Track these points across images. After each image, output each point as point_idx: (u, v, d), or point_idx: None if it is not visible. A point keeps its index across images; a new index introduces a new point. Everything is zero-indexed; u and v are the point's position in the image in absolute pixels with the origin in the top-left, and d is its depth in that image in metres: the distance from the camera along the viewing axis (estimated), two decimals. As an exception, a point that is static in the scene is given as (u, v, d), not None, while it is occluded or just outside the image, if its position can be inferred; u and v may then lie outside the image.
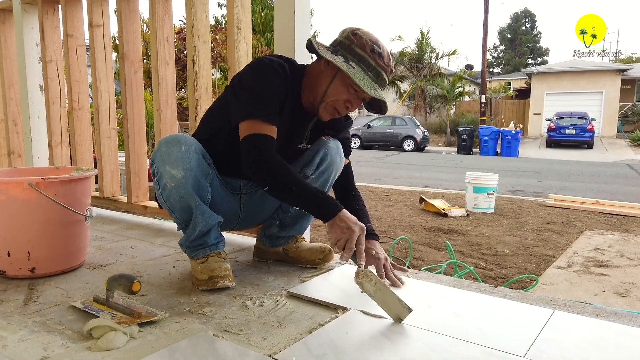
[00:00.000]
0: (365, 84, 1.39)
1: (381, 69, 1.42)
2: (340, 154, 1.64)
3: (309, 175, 1.62)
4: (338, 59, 1.40)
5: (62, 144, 2.84)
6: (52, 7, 2.73)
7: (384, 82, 1.44)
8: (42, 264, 1.61)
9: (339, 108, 1.48)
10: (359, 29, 1.45)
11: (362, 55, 1.41)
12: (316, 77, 1.48)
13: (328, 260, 1.75)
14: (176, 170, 1.42)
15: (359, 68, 1.40)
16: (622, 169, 11.33)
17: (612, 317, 1.34)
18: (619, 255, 3.26)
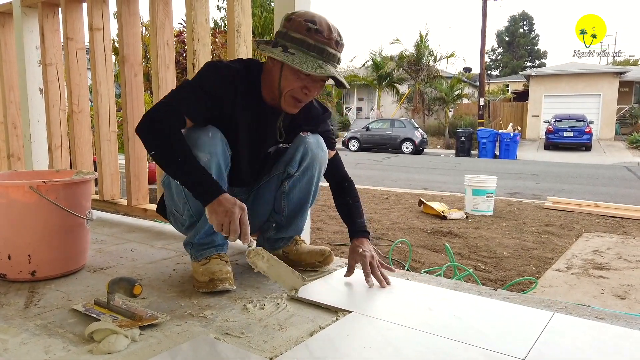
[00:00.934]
0: (309, 65, 1.36)
1: (323, 44, 1.38)
2: (322, 147, 1.63)
3: (293, 173, 1.62)
4: (276, 51, 1.39)
5: (62, 147, 2.84)
6: (52, 10, 2.73)
7: (331, 57, 1.40)
8: (42, 267, 1.61)
9: (298, 96, 1.45)
10: (294, 13, 1.44)
11: (299, 38, 1.38)
12: (269, 74, 1.48)
13: (328, 263, 1.75)
14: (202, 154, 1.42)
15: (299, 52, 1.37)
16: (620, 171, 11.35)
17: (612, 320, 1.34)
18: (617, 257, 3.27)
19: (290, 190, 1.65)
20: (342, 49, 1.43)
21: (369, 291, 1.53)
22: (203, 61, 2.12)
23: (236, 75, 1.47)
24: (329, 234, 3.63)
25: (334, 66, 1.41)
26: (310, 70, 1.35)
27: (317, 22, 1.39)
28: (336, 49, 1.41)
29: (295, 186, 1.65)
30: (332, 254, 1.76)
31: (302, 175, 1.63)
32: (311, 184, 1.65)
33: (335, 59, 1.41)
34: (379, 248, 3.25)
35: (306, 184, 1.64)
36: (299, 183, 1.64)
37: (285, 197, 1.67)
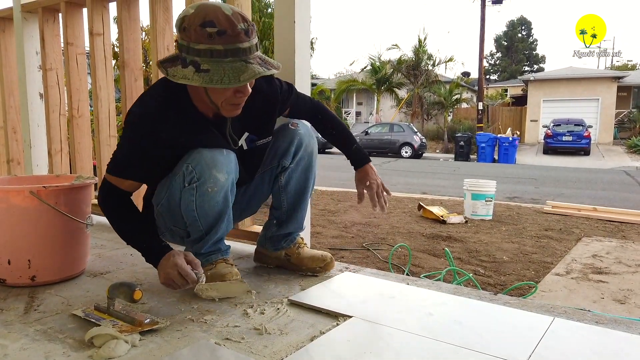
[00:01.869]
0: (230, 77, 1.23)
1: (233, 44, 1.23)
2: (312, 135, 1.66)
3: (288, 165, 1.63)
4: (189, 73, 1.25)
5: (61, 152, 2.84)
6: (53, 15, 2.74)
7: (247, 51, 1.25)
8: (42, 272, 1.60)
9: (235, 101, 1.35)
10: (184, 18, 1.26)
11: (205, 49, 1.23)
12: (194, 91, 1.38)
13: (329, 269, 1.75)
14: (221, 174, 1.42)
15: (213, 64, 1.23)
16: (618, 175, 11.37)
17: (612, 324, 1.35)
18: (617, 262, 3.27)
19: (287, 182, 1.66)
20: (254, 31, 1.28)
21: (370, 296, 1.53)
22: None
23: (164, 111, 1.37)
24: (328, 238, 3.63)
25: (253, 58, 1.27)
26: (233, 84, 1.24)
27: (215, 22, 1.22)
28: (249, 39, 1.26)
29: (291, 178, 1.66)
30: (333, 260, 1.75)
31: (297, 166, 1.64)
32: (308, 172, 1.67)
33: (252, 50, 1.27)
34: (379, 253, 3.25)
35: (302, 173, 1.66)
36: (294, 174, 1.65)
37: (283, 191, 1.68)
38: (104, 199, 1.47)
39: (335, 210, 4.92)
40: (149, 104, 1.40)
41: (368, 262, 3.02)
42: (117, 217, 1.47)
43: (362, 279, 1.71)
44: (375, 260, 3.09)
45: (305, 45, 1.85)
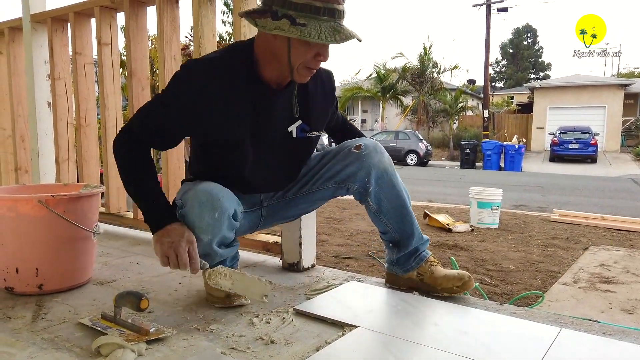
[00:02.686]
0: (325, 35, 1.21)
1: (332, 3, 1.22)
2: (380, 151, 1.55)
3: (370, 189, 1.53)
4: (284, 25, 1.22)
5: (69, 160, 2.86)
6: (62, 25, 2.77)
7: (342, 14, 1.25)
8: (50, 280, 1.61)
9: (312, 66, 1.32)
10: None
11: (303, 4, 1.21)
12: (271, 50, 1.32)
13: (467, 288, 1.57)
14: (204, 235, 1.37)
15: (310, 20, 1.21)
16: (626, 183, 11.30)
17: (620, 335, 1.33)
18: (625, 271, 3.24)
19: (379, 204, 1.57)
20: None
21: (376, 306, 1.53)
22: (210, 76, 2.14)
23: (218, 71, 1.32)
24: (333, 246, 3.63)
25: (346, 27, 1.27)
26: (329, 40, 1.21)
27: None
28: (343, 3, 1.27)
29: (380, 199, 1.55)
30: (471, 279, 1.60)
31: (379, 186, 1.54)
32: (394, 185, 1.55)
33: (343, 15, 1.27)
34: (384, 261, 3.24)
35: (388, 189, 1.55)
36: (381, 193, 1.55)
37: (380, 214, 1.58)
38: (120, 146, 1.38)
39: (340, 218, 4.92)
40: (204, 63, 1.36)
41: (374, 271, 3.01)
42: (132, 167, 1.37)
43: (368, 288, 1.71)
44: (381, 269, 3.08)
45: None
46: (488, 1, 21.05)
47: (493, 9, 21.13)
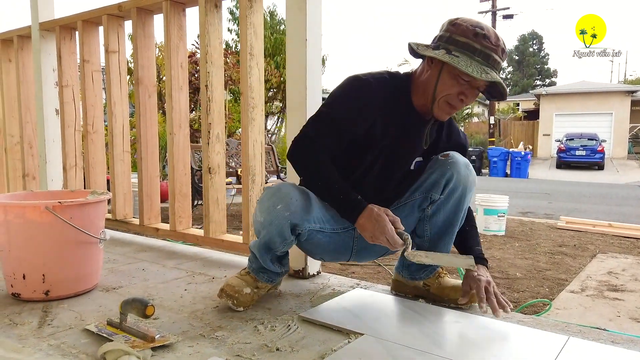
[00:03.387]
0: (474, 69, 1.30)
1: (489, 50, 1.32)
2: (470, 168, 1.53)
3: (437, 198, 1.52)
4: (439, 53, 1.35)
5: (76, 167, 2.88)
6: (70, 33, 2.80)
7: (496, 64, 1.34)
8: (56, 286, 1.62)
9: (453, 102, 1.40)
10: (457, 18, 1.39)
11: (465, 42, 1.33)
12: (423, 78, 1.44)
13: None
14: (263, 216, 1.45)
15: (463, 56, 1.32)
16: (634, 190, 11.21)
17: (629, 344, 1.32)
18: (633, 279, 3.21)
19: (433, 214, 1.55)
20: (505, 58, 1.38)
21: (381, 313, 1.52)
22: (216, 82, 2.16)
23: (382, 86, 1.44)
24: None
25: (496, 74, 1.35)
26: (475, 73, 1.30)
27: (485, 28, 1.35)
28: (501, 57, 1.36)
29: (439, 210, 1.54)
30: None
31: (447, 199, 1.52)
32: (459, 205, 1.53)
33: (499, 67, 1.36)
34: (390, 268, 3.23)
35: (452, 206, 1.53)
36: (443, 206, 1.53)
37: (428, 221, 1.57)
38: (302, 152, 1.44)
39: (346, 225, 4.90)
40: (374, 77, 1.45)
41: (379, 278, 3.00)
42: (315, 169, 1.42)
43: (374, 295, 1.70)
44: (387, 276, 3.06)
45: (316, 64, 1.87)
46: (493, 8, 21.08)
47: (498, 16, 21.16)
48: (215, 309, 1.55)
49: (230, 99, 10.06)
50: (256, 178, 2.07)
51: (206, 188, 2.19)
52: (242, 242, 2.11)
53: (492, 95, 1.43)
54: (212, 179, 2.19)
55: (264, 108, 2.09)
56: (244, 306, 1.53)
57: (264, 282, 1.59)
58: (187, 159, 2.38)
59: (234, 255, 2.28)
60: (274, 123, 13.90)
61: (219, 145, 2.21)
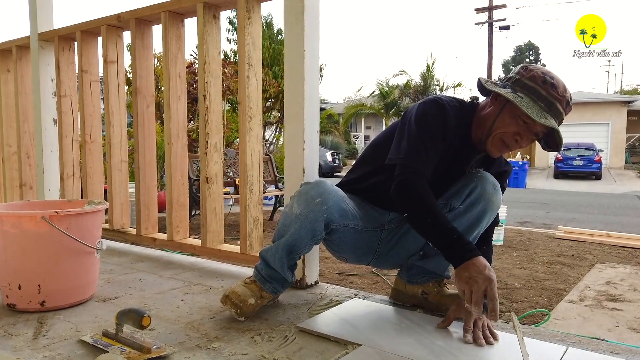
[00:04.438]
0: (534, 112, 1.33)
1: (554, 99, 1.36)
2: (496, 187, 1.51)
3: (457, 206, 1.51)
4: (505, 91, 1.39)
5: (73, 177, 2.88)
6: (69, 44, 2.81)
7: (558, 113, 1.37)
8: (52, 297, 1.61)
9: (507, 141, 1.42)
10: (530, 64, 1.43)
11: (531, 87, 1.38)
12: (485, 112, 1.47)
13: None
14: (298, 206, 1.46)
15: (527, 98, 1.36)
16: (631, 200, 11.23)
17: (627, 355, 1.31)
18: (631, 289, 3.21)
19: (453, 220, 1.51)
20: (568, 112, 1.41)
21: (379, 323, 1.51)
22: (214, 92, 2.16)
23: (454, 112, 1.49)
24: (337, 263, 3.61)
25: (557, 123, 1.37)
26: (535, 116, 1.32)
27: (555, 78, 1.39)
28: (564, 109, 1.39)
29: (455, 219, 1.49)
30: None
31: (466, 211, 1.49)
32: (472, 225, 1.50)
33: (560, 118, 1.38)
34: (389, 278, 3.22)
35: (469, 220, 1.49)
36: (459, 218, 1.50)
37: None
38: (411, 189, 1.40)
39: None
40: (450, 102, 1.51)
41: (377, 288, 2.99)
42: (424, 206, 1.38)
43: (372, 305, 1.69)
44: (385, 286, 3.05)
45: (314, 74, 1.88)
46: (490, 19, 21.26)
47: (495, 27, 21.34)
48: (212, 320, 1.54)
49: (228, 108, 10.08)
50: (254, 188, 2.07)
51: (204, 197, 2.19)
52: (240, 252, 2.10)
53: (547, 145, 1.44)
54: (210, 188, 2.19)
55: (261, 118, 2.09)
56: (246, 317, 1.52)
57: (269, 292, 1.57)
58: (184, 168, 2.38)
59: (231, 265, 2.27)
60: (272, 133, 13.92)
61: (216, 154, 2.21)
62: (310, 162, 1.89)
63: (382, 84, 23.76)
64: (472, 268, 1.29)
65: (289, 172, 1.91)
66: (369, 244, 1.63)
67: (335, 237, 1.54)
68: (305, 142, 1.86)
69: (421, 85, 22.55)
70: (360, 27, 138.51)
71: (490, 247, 1.63)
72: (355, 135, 27.82)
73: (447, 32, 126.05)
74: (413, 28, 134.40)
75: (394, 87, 23.58)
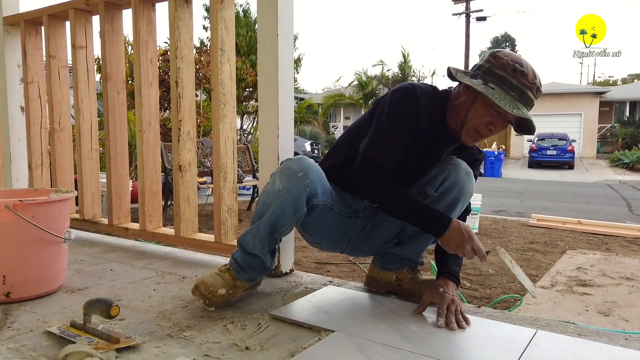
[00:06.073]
0: (507, 103, 1.34)
1: (525, 87, 1.36)
2: (468, 174, 1.53)
3: (431, 193, 1.53)
4: (476, 82, 1.38)
5: (42, 166, 2.80)
6: (35, 28, 2.72)
7: (529, 101, 1.38)
8: (17, 288, 1.56)
9: (481, 131, 1.43)
10: (499, 51, 1.42)
11: (502, 76, 1.37)
12: (457, 103, 1.47)
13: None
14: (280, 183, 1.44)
15: (499, 89, 1.36)
16: (602, 189, 11.52)
17: (594, 337, 1.34)
18: (601, 274, 3.29)
19: None
20: (539, 97, 1.42)
21: (353, 310, 1.52)
22: (186, 79, 2.12)
23: (427, 100, 1.48)
24: (314, 252, 3.61)
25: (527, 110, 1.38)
26: (507, 108, 1.33)
27: (524, 65, 1.38)
28: (535, 95, 1.39)
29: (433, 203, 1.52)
30: None
31: (440, 198, 1.51)
32: (449, 209, 1.51)
33: (531, 104, 1.40)
34: (365, 266, 3.23)
35: (442, 207, 1.50)
36: (434, 204, 1.50)
37: None
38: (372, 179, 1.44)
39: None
40: (422, 89, 1.49)
41: (355, 276, 3.00)
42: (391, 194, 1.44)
43: (346, 292, 1.69)
44: (362, 274, 3.06)
45: (288, 59, 1.85)
46: (467, 10, 21.40)
47: (472, 18, 21.49)
48: (185, 309, 1.52)
49: (205, 98, 9.93)
50: (228, 176, 2.04)
51: (177, 186, 2.15)
52: (214, 240, 2.08)
53: (520, 129, 1.46)
54: (183, 177, 2.16)
55: (235, 105, 2.06)
56: (216, 307, 1.51)
57: (243, 281, 1.55)
58: (157, 156, 2.34)
59: (205, 254, 2.25)
60: (250, 122, 13.81)
61: (189, 142, 2.17)
62: (285, 149, 1.87)
63: (360, 74, 23.76)
64: (453, 235, 1.38)
65: (263, 159, 1.89)
66: (344, 232, 1.62)
67: (312, 217, 1.51)
68: (280, 128, 1.84)
69: (400, 75, 22.61)
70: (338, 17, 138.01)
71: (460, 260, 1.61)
72: (334, 125, 27.79)
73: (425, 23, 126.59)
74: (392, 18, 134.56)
75: (372, 78, 23.59)
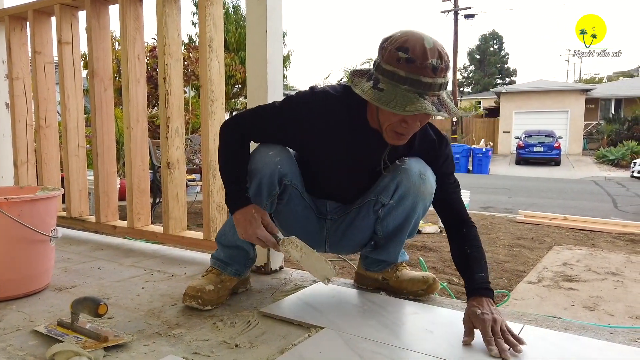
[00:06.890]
0: (397, 103, 1.20)
1: (416, 74, 1.19)
2: (422, 176, 1.44)
3: (386, 202, 1.48)
4: (366, 88, 1.26)
5: (28, 163, 2.76)
6: (20, 23, 2.68)
7: (427, 87, 1.21)
8: (3, 287, 1.54)
9: (399, 130, 1.31)
10: (387, 39, 1.27)
11: (390, 71, 1.22)
12: (370, 105, 1.38)
13: (432, 291, 1.57)
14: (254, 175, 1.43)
15: (389, 86, 1.22)
16: (588, 185, 11.67)
17: (580, 331, 1.36)
18: (586, 269, 3.34)
19: (384, 217, 1.52)
20: (444, 72, 1.23)
21: (342, 306, 1.52)
22: (175, 75, 2.10)
23: (327, 106, 1.40)
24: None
25: (431, 96, 1.22)
26: (396, 109, 1.20)
27: (410, 49, 1.20)
28: (434, 76, 1.21)
29: (389, 214, 1.50)
30: (436, 281, 1.60)
31: (397, 205, 1.48)
32: (408, 217, 1.49)
33: (434, 88, 1.22)
34: (355, 263, 3.24)
35: (401, 214, 1.49)
36: (393, 212, 1.49)
37: (380, 223, 1.54)
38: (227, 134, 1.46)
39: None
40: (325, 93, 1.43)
41: (344, 273, 3.01)
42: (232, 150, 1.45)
43: (336, 289, 1.70)
44: (352, 270, 3.07)
45: (277, 56, 1.85)
46: (455, 7, 21.49)
47: (460, 15, 21.59)
48: (174, 307, 1.51)
49: (194, 94, 9.87)
50: (217, 173, 2.03)
51: (165, 183, 2.14)
52: (203, 238, 2.07)
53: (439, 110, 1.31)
54: (172, 174, 2.14)
55: (224, 102, 2.05)
56: (211, 304, 1.49)
57: (229, 274, 1.55)
58: (145, 153, 2.32)
59: (195, 252, 2.24)
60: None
61: (178, 139, 2.16)
62: (274, 147, 1.86)
63: (349, 71, 23.75)
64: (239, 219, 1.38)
65: (252, 156, 1.88)
66: (316, 234, 1.60)
67: (284, 205, 1.50)
68: (269, 126, 1.83)
69: (388, 73, 22.63)
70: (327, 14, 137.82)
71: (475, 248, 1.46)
72: (323, 122, 27.74)
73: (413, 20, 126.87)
74: (381, 15, 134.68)
75: (361, 74, 23.59)
